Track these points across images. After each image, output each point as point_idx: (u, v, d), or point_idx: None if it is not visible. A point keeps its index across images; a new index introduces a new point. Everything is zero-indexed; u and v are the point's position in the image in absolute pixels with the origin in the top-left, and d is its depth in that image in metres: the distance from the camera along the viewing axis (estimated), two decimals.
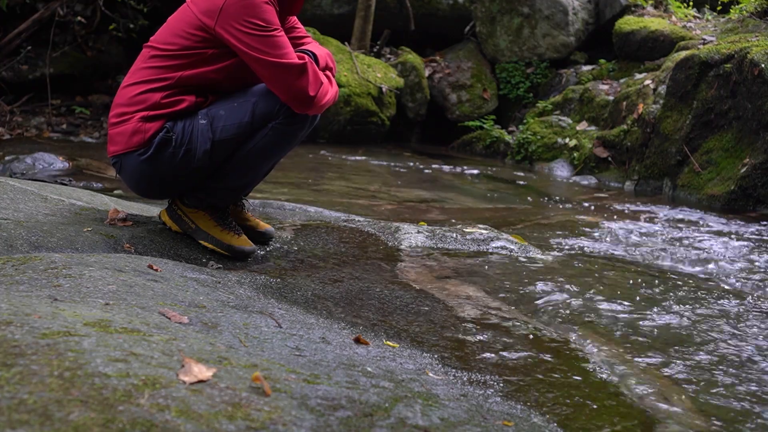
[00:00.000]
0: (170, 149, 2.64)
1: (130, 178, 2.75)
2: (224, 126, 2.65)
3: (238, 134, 2.66)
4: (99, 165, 6.04)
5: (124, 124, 2.67)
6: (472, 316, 2.43)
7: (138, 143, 2.64)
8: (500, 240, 3.44)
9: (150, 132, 2.63)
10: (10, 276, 2.03)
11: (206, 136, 2.64)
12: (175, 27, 2.70)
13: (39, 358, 1.24)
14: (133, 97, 2.67)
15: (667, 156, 6.00)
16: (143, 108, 2.64)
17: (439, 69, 9.23)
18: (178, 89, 2.66)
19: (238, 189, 2.89)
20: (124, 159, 2.69)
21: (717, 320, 2.57)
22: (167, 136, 2.63)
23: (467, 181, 6.62)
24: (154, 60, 2.69)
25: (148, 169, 2.67)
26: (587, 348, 2.21)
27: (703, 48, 6.15)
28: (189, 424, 1.12)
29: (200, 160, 2.66)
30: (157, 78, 2.65)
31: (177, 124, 2.65)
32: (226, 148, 2.67)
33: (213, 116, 2.66)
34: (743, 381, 2.05)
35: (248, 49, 2.56)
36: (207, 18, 2.60)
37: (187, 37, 2.65)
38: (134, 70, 2.74)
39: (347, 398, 1.37)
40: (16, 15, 7.94)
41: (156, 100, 2.64)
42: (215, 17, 2.59)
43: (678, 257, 3.66)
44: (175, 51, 2.65)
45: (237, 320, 1.88)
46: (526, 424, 1.58)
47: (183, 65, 2.65)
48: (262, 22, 2.56)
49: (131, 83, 2.71)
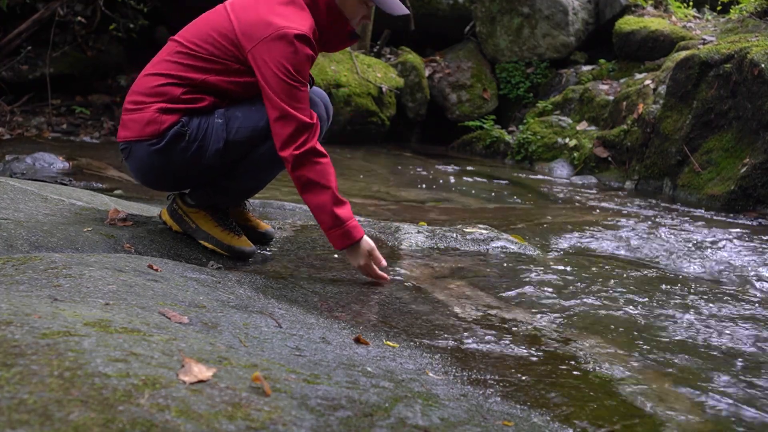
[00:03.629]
0: (183, 143, 2.63)
1: (137, 166, 2.73)
2: (239, 128, 2.65)
3: (252, 137, 2.66)
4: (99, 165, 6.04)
5: (140, 112, 2.65)
6: (472, 316, 2.43)
7: (152, 133, 2.63)
8: (500, 240, 3.44)
9: (165, 124, 2.62)
10: (10, 276, 2.03)
11: (220, 136, 2.64)
12: (206, 31, 2.66)
13: (39, 358, 1.24)
14: (153, 87, 2.65)
15: (667, 156, 6.00)
16: (162, 100, 2.63)
17: (439, 69, 9.23)
18: (200, 89, 2.65)
19: (246, 191, 2.89)
20: (134, 146, 2.67)
21: (718, 321, 2.57)
22: (182, 130, 2.62)
23: (467, 181, 6.61)
24: (179, 56, 2.66)
25: (157, 161, 2.66)
26: (587, 348, 2.21)
27: (703, 48, 6.15)
28: (189, 424, 1.12)
29: (211, 158, 2.66)
30: (180, 75, 2.64)
31: (193, 119, 2.64)
32: (238, 150, 2.67)
33: (230, 117, 2.66)
34: (745, 382, 2.05)
35: (269, 87, 2.55)
36: (245, 39, 2.58)
37: (217, 46, 2.63)
38: (157, 60, 2.72)
39: (347, 398, 1.37)
40: (16, 15, 7.94)
41: (176, 94, 2.63)
42: (254, 43, 2.56)
43: (678, 257, 3.65)
44: (203, 54, 2.64)
45: (237, 320, 1.88)
46: (526, 424, 1.58)
47: (208, 70, 2.64)
48: (295, 72, 2.54)
49: (153, 73, 2.69)
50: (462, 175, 6.89)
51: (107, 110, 8.28)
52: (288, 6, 2.61)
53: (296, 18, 2.58)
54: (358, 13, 2.71)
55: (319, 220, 2.64)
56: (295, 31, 2.53)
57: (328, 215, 2.60)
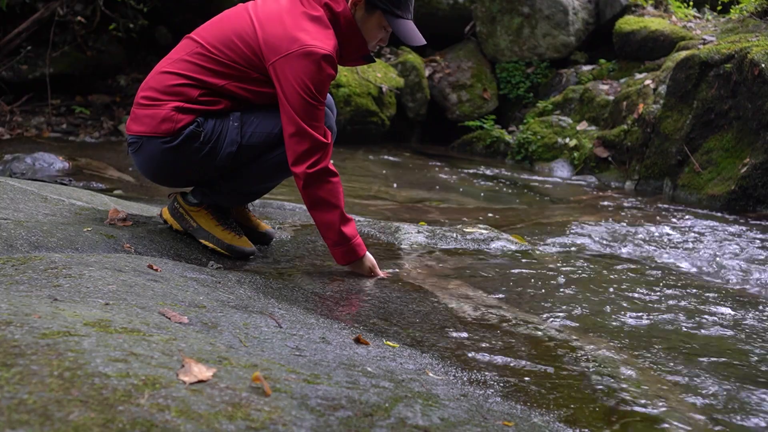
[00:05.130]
0: (197, 144, 2.63)
1: (146, 162, 2.72)
2: (254, 132, 2.66)
3: (265, 143, 2.67)
4: (99, 165, 6.04)
5: (155, 108, 2.64)
6: (472, 316, 2.43)
7: (166, 131, 2.62)
8: (500, 240, 3.44)
9: (181, 123, 2.61)
10: (10, 276, 2.03)
11: (234, 139, 2.65)
12: (228, 36, 2.64)
13: (39, 358, 1.24)
14: (171, 86, 2.64)
15: (667, 156, 6.00)
16: (179, 99, 2.63)
17: (439, 69, 9.22)
18: (217, 93, 2.65)
19: (250, 194, 2.90)
20: (146, 141, 2.67)
21: (718, 321, 2.57)
22: (197, 131, 2.62)
23: (467, 181, 6.61)
24: (199, 58, 2.65)
25: (169, 158, 2.66)
26: (587, 347, 2.21)
27: (704, 48, 6.15)
28: (189, 424, 1.12)
29: (223, 160, 2.66)
30: (199, 78, 2.63)
31: (208, 120, 2.64)
32: (251, 154, 2.68)
33: (245, 121, 2.66)
34: (746, 382, 2.05)
35: (288, 102, 2.55)
36: (269, 51, 2.57)
37: (238, 53, 2.62)
38: (175, 58, 2.70)
39: (347, 398, 1.37)
40: (16, 15, 7.93)
41: (193, 96, 2.63)
42: (278, 56, 2.55)
43: (678, 257, 3.65)
44: (223, 60, 2.62)
45: (237, 320, 1.88)
46: (526, 424, 1.57)
47: (228, 75, 2.63)
48: (316, 92, 2.54)
49: (170, 71, 2.67)
50: (462, 175, 6.88)
51: (107, 110, 8.28)
52: (313, 22, 2.60)
53: (322, 36, 2.57)
54: (376, 36, 2.72)
55: (325, 236, 2.69)
56: (322, 51, 2.52)
57: (335, 233, 2.66)
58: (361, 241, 2.71)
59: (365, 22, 2.68)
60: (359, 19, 2.67)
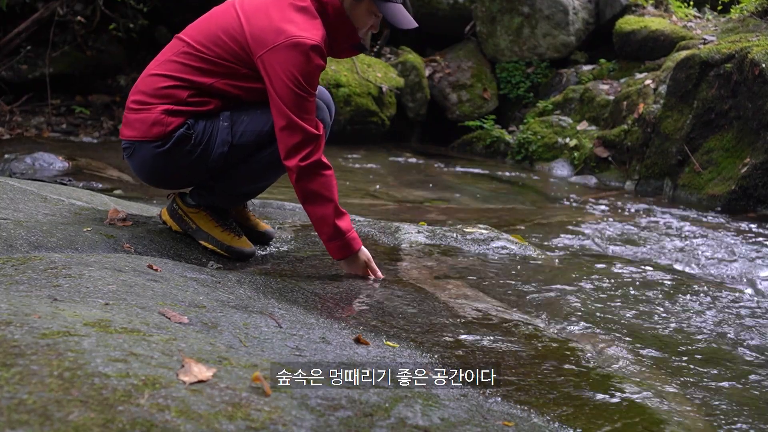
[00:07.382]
0: (188, 146, 2.62)
1: (139, 166, 2.72)
2: (244, 131, 2.64)
3: (256, 142, 2.65)
4: (99, 165, 6.03)
5: (145, 113, 2.63)
6: (472, 316, 2.43)
7: (157, 135, 2.61)
8: (500, 240, 3.44)
9: (171, 126, 2.60)
10: (10, 276, 2.03)
11: (225, 139, 2.63)
12: (214, 32, 2.63)
13: (39, 358, 1.24)
14: (159, 89, 2.63)
15: (667, 156, 6.00)
16: (168, 102, 2.61)
17: (440, 69, 9.22)
18: (206, 93, 2.64)
19: (245, 194, 2.89)
20: (138, 146, 2.66)
21: (719, 321, 2.57)
22: (187, 133, 2.61)
23: (467, 181, 6.61)
24: (186, 57, 2.64)
25: (161, 162, 2.65)
26: (587, 347, 2.21)
27: (704, 48, 6.15)
28: (189, 424, 1.12)
29: (215, 161, 2.65)
30: (186, 78, 2.61)
31: (199, 122, 2.63)
32: (242, 153, 2.67)
33: (235, 120, 2.64)
34: (747, 382, 2.05)
35: (277, 95, 2.53)
36: (255, 44, 2.54)
37: (225, 49, 2.60)
38: (163, 60, 2.69)
39: (347, 398, 1.36)
40: (16, 15, 7.93)
41: (182, 97, 2.61)
42: (265, 49, 2.53)
43: (678, 257, 3.65)
44: (210, 57, 2.61)
45: (237, 320, 1.88)
46: (526, 424, 1.57)
47: (215, 73, 2.61)
48: (305, 83, 2.52)
49: (158, 74, 2.66)
50: (462, 175, 6.88)
51: (107, 110, 8.28)
52: (300, 13, 2.58)
53: (309, 27, 2.55)
54: (366, 23, 2.70)
55: (319, 231, 2.66)
56: (310, 42, 2.50)
57: (330, 227, 2.62)
58: (356, 235, 2.68)
59: (354, 9, 2.66)
60: (348, 7, 2.65)
